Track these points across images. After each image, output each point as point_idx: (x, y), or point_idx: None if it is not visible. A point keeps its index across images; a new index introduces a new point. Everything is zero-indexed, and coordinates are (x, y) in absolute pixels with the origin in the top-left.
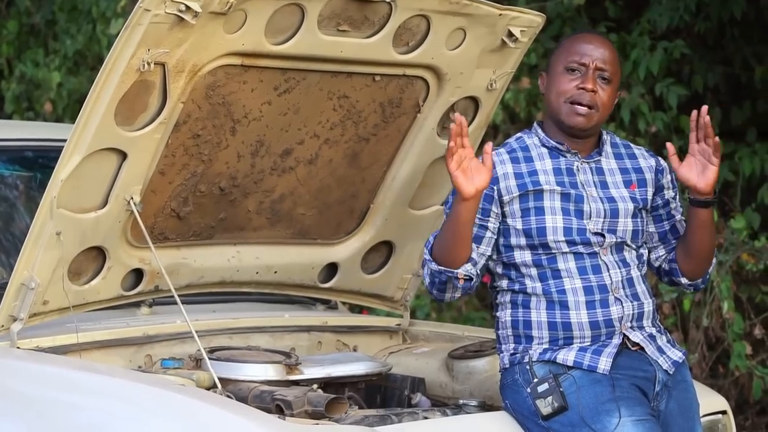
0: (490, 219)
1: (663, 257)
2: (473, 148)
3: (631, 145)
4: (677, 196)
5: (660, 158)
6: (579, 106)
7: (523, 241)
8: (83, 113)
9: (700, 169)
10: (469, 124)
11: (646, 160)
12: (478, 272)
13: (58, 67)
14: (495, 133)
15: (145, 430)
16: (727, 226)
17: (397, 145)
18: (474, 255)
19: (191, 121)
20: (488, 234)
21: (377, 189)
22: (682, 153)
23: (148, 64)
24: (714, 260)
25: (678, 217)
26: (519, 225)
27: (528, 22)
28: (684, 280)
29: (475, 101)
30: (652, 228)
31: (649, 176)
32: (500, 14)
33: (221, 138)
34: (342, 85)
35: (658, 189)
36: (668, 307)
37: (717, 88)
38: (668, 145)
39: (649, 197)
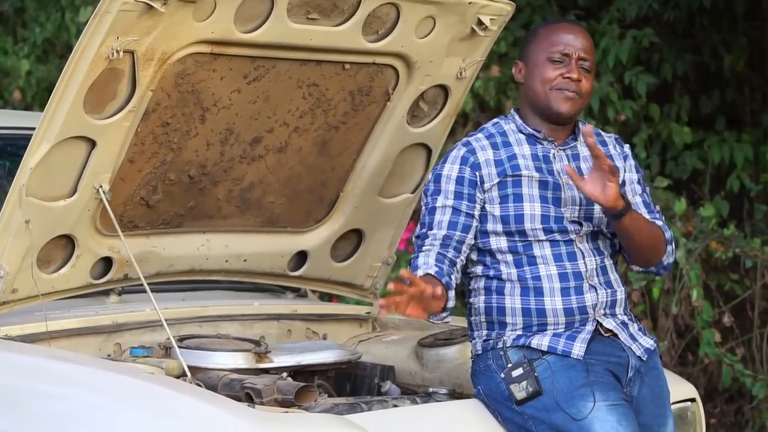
0: (476, 205)
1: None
2: (443, 135)
3: (602, 132)
4: (640, 180)
5: (626, 145)
6: (567, 92)
7: (499, 227)
8: (52, 101)
9: (601, 187)
10: (439, 113)
11: (616, 149)
12: (458, 278)
13: (26, 55)
14: (465, 122)
15: (115, 419)
16: (696, 214)
17: (367, 134)
18: (455, 273)
19: (160, 109)
20: (474, 222)
21: (347, 177)
22: (650, 141)
23: (117, 52)
24: (670, 247)
25: (635, 199)
26: (497, 212)
27: (497, 10)
28: (637, 268)
29: (444, 89)
30: None
31: (620, 164)
32: (470, 2)
33: (190, 126)
34: (311, 73)
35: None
36: (637, 295)
37: (686, 77)
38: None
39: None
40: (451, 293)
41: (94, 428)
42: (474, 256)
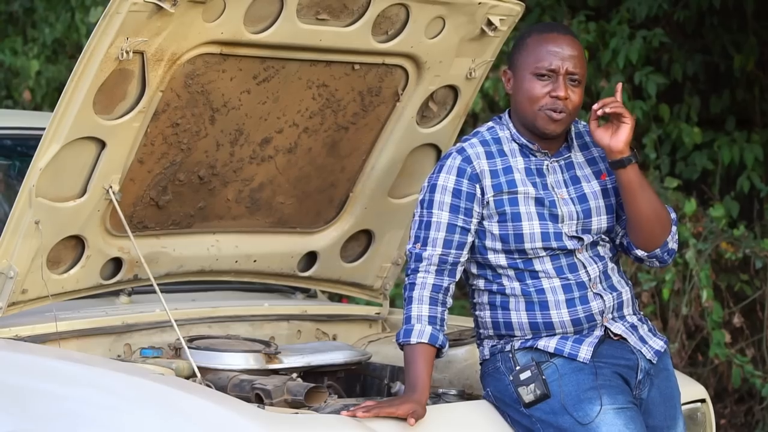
0: (473, 220)
1: (621, 233)
2: (453, 135)
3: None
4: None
5: None
6: (554, 113)
7: (498, 245)
8: (62, 102)
9: (615, 129)
10: (448, 113)
11: None
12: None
13: (36, 56)
14: (474, 122)
15: (124, 420)
16: (706, 215)
17: (377, 134)
18: (448, 303)
19: (170, 109)
20: (469, 238)
21: (356, 178)
22: (660, 141)
23: (127, 52)
24: (675, 228)
25: None
26: (495, 230)
27: (507, 10)
28: (640, 253)
29: (454, 90)
30: None
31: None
32: (479, 3)
33: (200, 127)
34: (321, 73)
35: None
36: (647, 296)
37: (696, 77)
38: (593, 107)
39: None
40: (445, 348)
41: (104, 429)
42: (474, 270)
